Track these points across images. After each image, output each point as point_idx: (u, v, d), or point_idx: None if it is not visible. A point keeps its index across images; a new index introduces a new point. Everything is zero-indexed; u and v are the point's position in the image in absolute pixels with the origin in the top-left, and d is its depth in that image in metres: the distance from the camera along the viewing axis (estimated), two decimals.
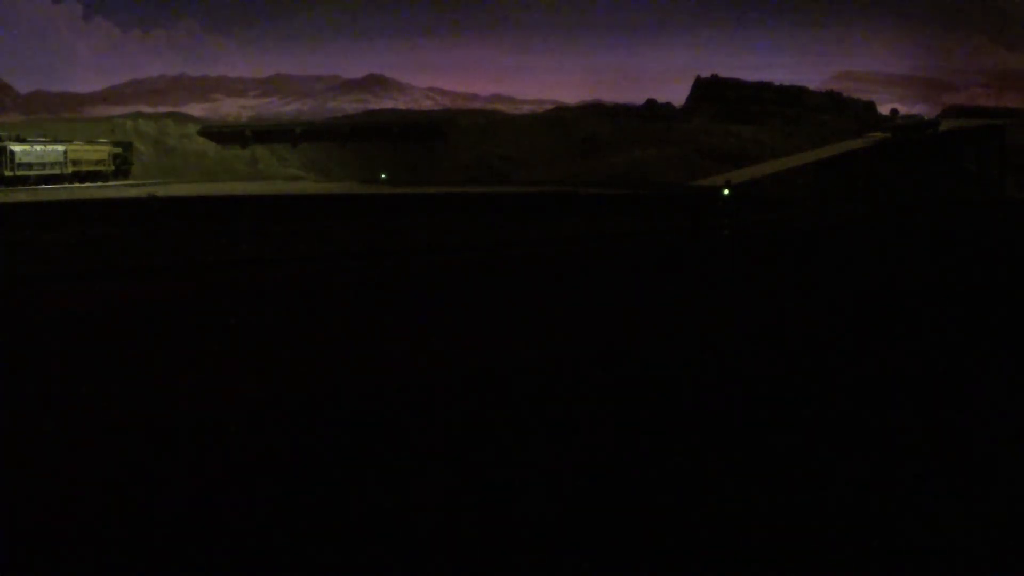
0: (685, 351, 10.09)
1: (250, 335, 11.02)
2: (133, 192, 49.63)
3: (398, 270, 17.54)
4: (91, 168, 63.95)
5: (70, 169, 61.25)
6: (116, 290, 15.06)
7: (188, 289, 15.17)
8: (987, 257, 19.45)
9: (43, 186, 55.94)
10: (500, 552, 4.92)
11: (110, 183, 62.71)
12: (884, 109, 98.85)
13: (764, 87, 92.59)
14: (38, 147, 59.32)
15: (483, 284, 15.73)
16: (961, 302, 13.40)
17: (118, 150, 68.81)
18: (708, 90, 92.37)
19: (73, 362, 9.62)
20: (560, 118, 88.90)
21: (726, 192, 34.47)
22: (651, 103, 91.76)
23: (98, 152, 66.10)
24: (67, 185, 58.34)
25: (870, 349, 10.08)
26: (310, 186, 63.03)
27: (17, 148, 56.83)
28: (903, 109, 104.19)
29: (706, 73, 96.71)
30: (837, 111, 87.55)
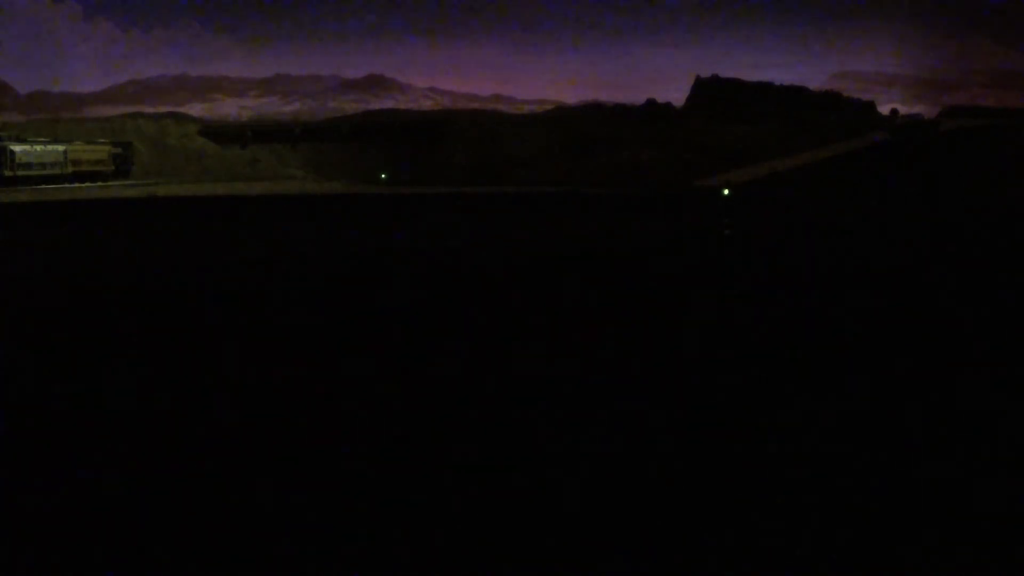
0: (685, 350, 10.09)
1: (249, 335, 11.02)
2: (133, 192, 49.66)
3: (398, 270, 17.54)
4: (91, 168, 64.00)
5: (70, 169, 61.33)
6: (116, 290, 15.06)
7: (187, 289, 15.16)
8: (987, 257, 19.44)
9: (43, 186, 56.00)
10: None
11: (110, 183, 62.74)
12: (884, 109, 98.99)
13: (764, 87, 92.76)
14: (38, 147, 59.40)
15: (483, 284, 15.72)
16: (960, 302, 13.40)
17: (118, 150, 68.89)
18: (708, 90, 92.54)
19: (73, 361, 9.62)
20: (560, 118, 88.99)
21: (726, 192, 34.45)
22: (651, 103, 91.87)
23: (98, 152, 66.17)
24: (67, 185, 58.40)
25: (869, 350, 10.08)
26: (310, 186, 63.06)
27: (17, 148, 56.90)
28: (903, 109, 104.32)
29: (706, 73, 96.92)
30: (837, 111, 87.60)
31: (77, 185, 59.33)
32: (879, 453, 6.50)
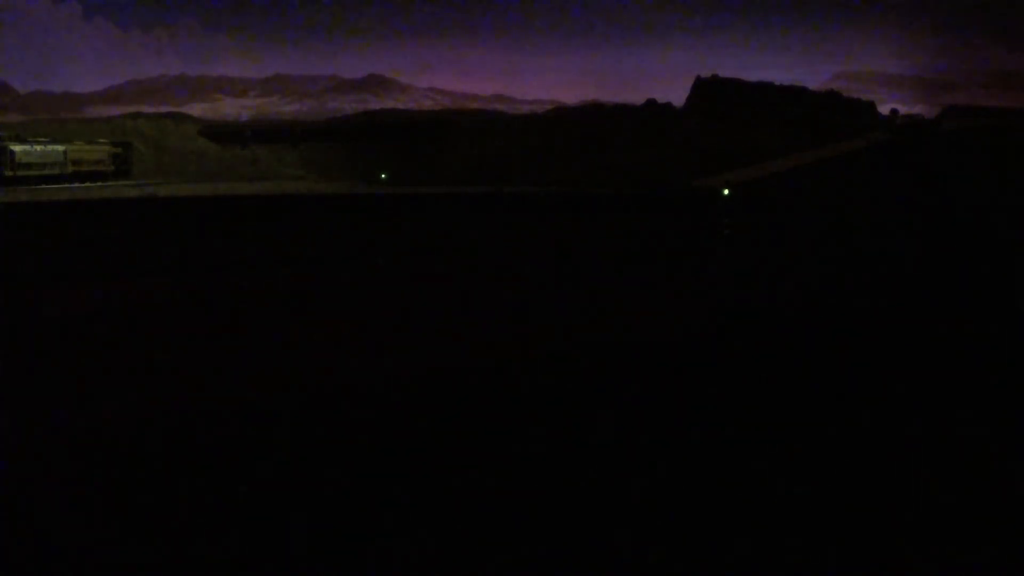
0: (684, 350, 10.09)
1: (250, 334, 11.02)
2: (133, 192, 49.64)
3: (398, 270, 17.54)
4: (91, 168, 63.94)
5: (70, 169, 61.26)
6: (116, 290, 15.05)
7: (188, 290, 15.15)
8: (986, 258, 19.44)
9: (43, 186, 55.93)
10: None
11: (110, 183, 62.67)
12: (884, 109, 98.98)
13: (764, 87, 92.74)
14: (38, 147, 59.32)
15: (485, 283, 15.72)
16: (961, 301, 13.39)
17: (118, 150, 68.81)
18: (708, 90, 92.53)
19: (73, 361, 9.62)
20: (560, 118, 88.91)
21: (726, 192, 34.43)
22: (651, 103, 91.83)
23: (98, 152, 66.11)
24: (67, 185, 58.33)
25: (869, 349, 10.08)
26: (310, 186, 62.99)
27: (17, 148, 56.83)
28: (903, 109, 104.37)
29: (706, 73, 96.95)
30: (837, 111, 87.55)
31: (77, 185, 59.29)
32: (879, 453, 6.50)
